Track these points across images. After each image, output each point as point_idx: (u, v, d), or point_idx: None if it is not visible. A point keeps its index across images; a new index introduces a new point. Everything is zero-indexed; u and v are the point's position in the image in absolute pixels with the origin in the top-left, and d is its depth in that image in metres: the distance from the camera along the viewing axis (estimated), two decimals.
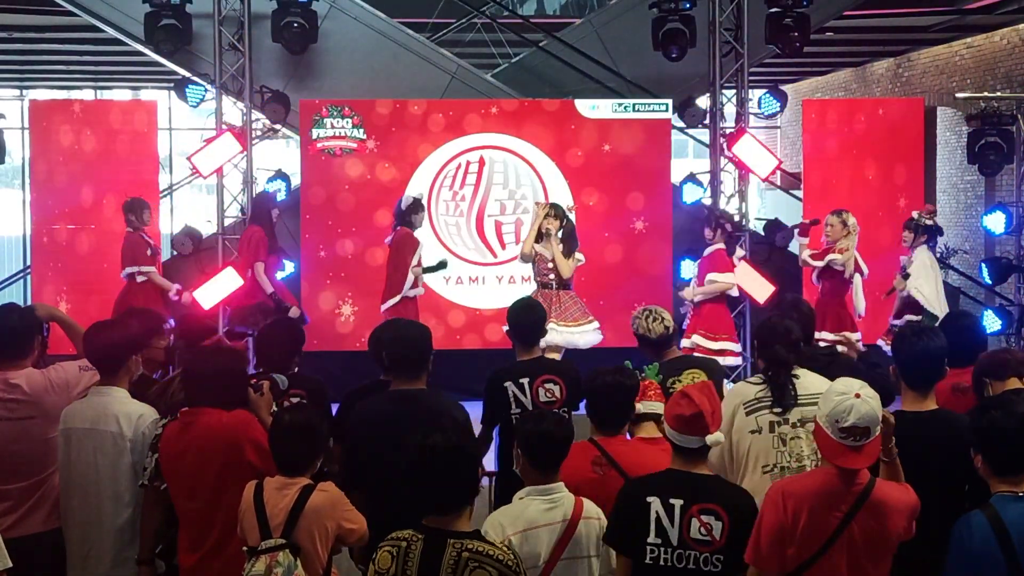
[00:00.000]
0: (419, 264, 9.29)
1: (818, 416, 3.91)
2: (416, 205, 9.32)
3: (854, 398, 3.80)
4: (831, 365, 5.08)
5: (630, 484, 4.18)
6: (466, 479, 3.66)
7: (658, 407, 4.81)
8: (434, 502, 3.62)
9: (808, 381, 4.83)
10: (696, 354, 7.78)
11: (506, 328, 5.83)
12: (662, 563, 3.96)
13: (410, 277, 9.14)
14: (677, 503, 3.97)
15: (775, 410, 4.79)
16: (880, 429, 3.87)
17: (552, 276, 8.86)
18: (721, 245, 9.63)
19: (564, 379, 5.57)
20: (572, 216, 9.18)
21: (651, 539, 3.97)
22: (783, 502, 3.86)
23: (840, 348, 9.04)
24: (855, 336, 9.47)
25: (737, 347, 9.69)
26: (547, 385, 5.53)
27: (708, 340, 9.39)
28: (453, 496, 3.63)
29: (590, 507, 4.14)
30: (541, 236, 8.87)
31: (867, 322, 9.83)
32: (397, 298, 9.12)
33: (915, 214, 9.63)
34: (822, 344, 9.09)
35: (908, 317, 9.25)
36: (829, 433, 3.83)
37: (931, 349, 4.49)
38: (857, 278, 9.57)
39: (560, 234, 8.85)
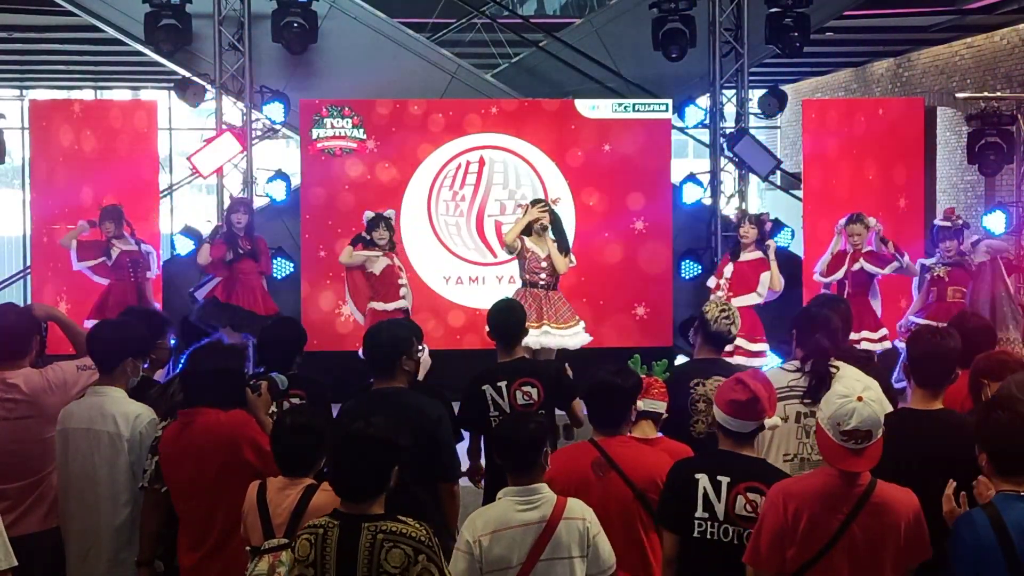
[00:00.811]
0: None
1: (819, 418, 3.92)
2: (370, 224, 9.39)
3: (856, 401, 3.81)
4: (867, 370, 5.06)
5: (679, 463, 4.29)
6: (377, 467, 3.72)
7: (660, 406, 4.80)
8: (348, 488, 3.71)
9: (846, 374, 4.79)
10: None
11: (487, 329, 5.82)
12: (708, 536, 4.10)
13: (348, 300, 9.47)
14: (724, 480, 4.10)
15: (805, 400, 4.88)
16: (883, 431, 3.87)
17: (543, 275, 8.76)
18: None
19: (542, 381, 5.56)
20: (557, 209, 9.10)
21: (698, 513, 4.11)
22: (783, 503, 3.88)
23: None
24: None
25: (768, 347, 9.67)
26: (525, 388, 5.53)
27: (748, 343, 9.40)
28: (365, 483, 3.71)
29: (575, 507, 4.12)
30: (531, 231, 8.80)
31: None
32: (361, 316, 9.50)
33: (948, 220, 9.64)
34: (864, 345, 9.16)
35: None
36: (831, 435, 3.84)
37: (945, 349, 4.47)
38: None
39: (551, 232, 8.78)
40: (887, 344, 9.58)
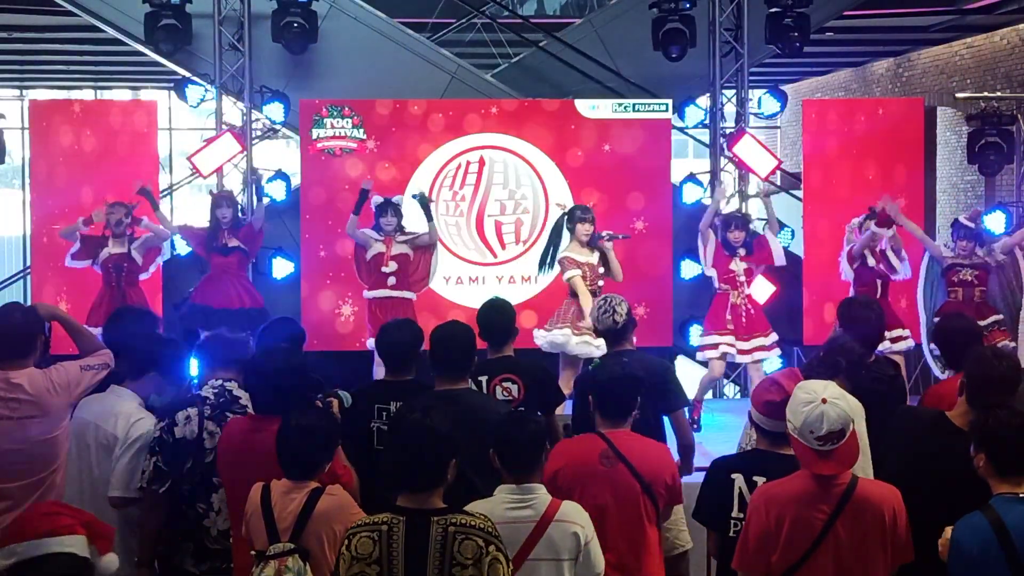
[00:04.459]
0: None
1: (791, 430, 3.91)
2: (379, 209, 9.35)
3: (821, 404, 3.82)
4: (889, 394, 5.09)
5: (717, 462, 4.33)
6: (439, 460, 3.69)
7: None
8: (410, 481, 3.66)
9: None
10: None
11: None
12: None
13: None
14: (760, 480, 4.10)
15: None
16: (848, 427, 3.86)
17: (602, 283, 8.61)
18: None
19: (524, 379, 5.52)
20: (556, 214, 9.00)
21: (735, 513, 4.14)
22: (766, 508, 3.89)
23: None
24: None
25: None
26: (505, 384, 5.49)
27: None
28: (428, 474, 3.67)
29: (570, 511, 4.08)
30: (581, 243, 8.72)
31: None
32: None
33: (973, 220, 9.59)
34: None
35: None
36: (804, 443, 3.85)
37: (1001, 374, 4.38)
38: None
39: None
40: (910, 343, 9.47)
